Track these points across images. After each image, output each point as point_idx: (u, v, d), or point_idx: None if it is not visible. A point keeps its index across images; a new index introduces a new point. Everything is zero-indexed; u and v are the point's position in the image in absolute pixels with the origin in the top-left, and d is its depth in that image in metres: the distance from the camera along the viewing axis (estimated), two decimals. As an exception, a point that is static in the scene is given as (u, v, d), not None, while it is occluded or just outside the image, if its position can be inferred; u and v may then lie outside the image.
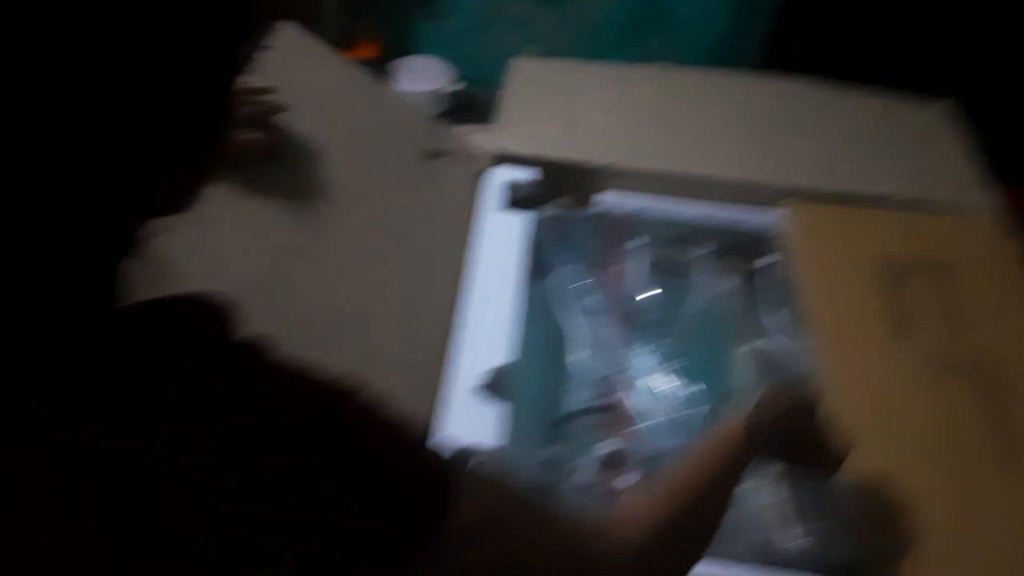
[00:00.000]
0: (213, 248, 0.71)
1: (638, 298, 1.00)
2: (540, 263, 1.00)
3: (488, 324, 0.87)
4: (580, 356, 0.94)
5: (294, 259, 0.80)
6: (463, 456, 0.48)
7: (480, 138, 1.09)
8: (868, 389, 0.83)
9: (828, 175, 1.06)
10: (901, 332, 0.86)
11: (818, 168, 1.07)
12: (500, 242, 0.95)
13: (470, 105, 1.83)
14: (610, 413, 0.90)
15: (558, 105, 1.12)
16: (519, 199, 1.00)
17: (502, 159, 1.03)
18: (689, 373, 0.93)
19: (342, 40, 1.76)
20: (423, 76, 1.86)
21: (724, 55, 1.75)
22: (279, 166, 0.85)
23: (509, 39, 1.81)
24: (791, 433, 0.67)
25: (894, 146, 1.12)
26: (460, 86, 1.85)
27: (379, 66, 1.84)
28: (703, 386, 0.92)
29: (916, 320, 0.88)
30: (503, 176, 1.01)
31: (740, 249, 1.05)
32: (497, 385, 0.80)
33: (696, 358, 0.96)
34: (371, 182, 0.94)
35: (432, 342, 0.85)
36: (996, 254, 0.97)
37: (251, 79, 0.82)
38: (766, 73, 1.27)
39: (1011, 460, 0.78)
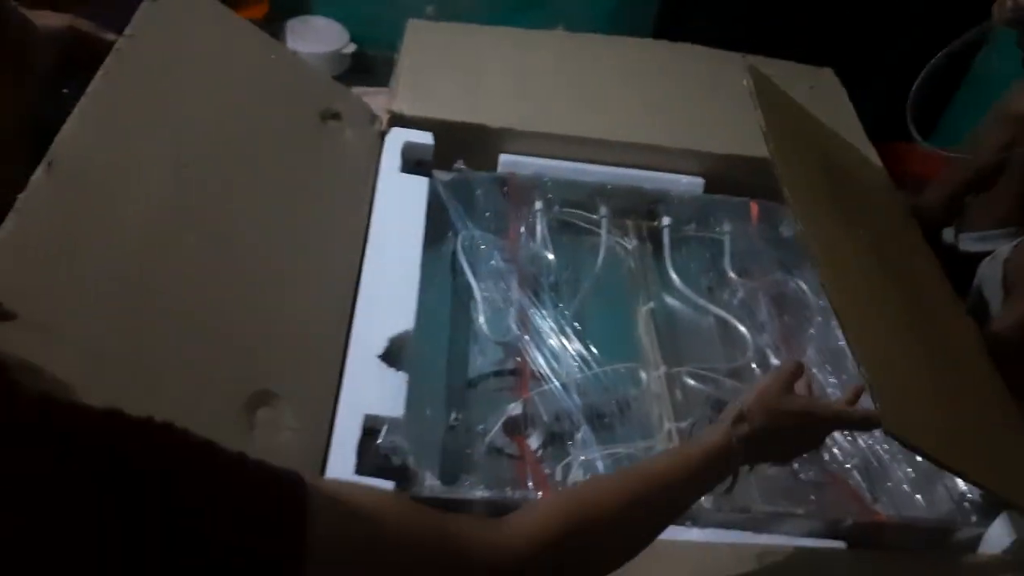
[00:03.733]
0: (107, 211, 0.67)
1: (541, 260, 1.00)
2: (441, 226, 0.99)
3: (389, 290, 0.86)
4: (484, 320, 0.94)
5: (190, 223, 0.76)
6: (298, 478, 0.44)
7: (377, 100, 1.07)
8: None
9: (718, 138, 1.09)
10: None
11: (710, 130, 1.10)
12: (399, 206, 0.94)
13: (365, 68, 1.79)
14: (515, 376, 0.90)
15: (455, 68, 1.11)
16: (415, 162, 0.98)
17: (398, 121, 1.01)
18: (592, 333, 0.94)
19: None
20: (316, 37, 1.80)
21: (618, 22, 1.77)
22: (172, 126, 0.80)
23: (404, 1, 1.77)
24: (776, 440, 0.66)
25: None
26: (354, 48, 1.81)
27: (266, 27, 1.77)
28: (606, 345, 0.93)
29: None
30: (399, 139, 0.99)
31: (641, 211, 1.07)
32: (395, 354, 0.79)
33: (599, 318, 0.97)
34: (267, 143, 0.90)
35: (334, 308, 0.83)
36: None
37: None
38: (658, 39, 1.28)
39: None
